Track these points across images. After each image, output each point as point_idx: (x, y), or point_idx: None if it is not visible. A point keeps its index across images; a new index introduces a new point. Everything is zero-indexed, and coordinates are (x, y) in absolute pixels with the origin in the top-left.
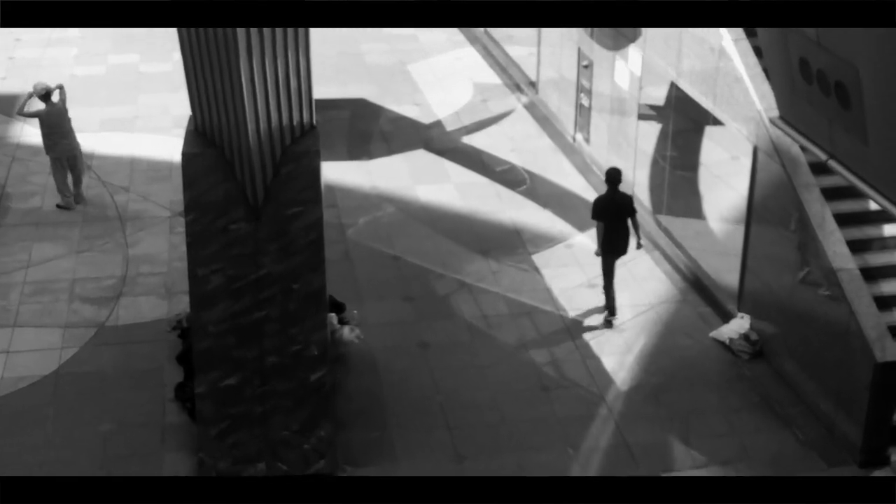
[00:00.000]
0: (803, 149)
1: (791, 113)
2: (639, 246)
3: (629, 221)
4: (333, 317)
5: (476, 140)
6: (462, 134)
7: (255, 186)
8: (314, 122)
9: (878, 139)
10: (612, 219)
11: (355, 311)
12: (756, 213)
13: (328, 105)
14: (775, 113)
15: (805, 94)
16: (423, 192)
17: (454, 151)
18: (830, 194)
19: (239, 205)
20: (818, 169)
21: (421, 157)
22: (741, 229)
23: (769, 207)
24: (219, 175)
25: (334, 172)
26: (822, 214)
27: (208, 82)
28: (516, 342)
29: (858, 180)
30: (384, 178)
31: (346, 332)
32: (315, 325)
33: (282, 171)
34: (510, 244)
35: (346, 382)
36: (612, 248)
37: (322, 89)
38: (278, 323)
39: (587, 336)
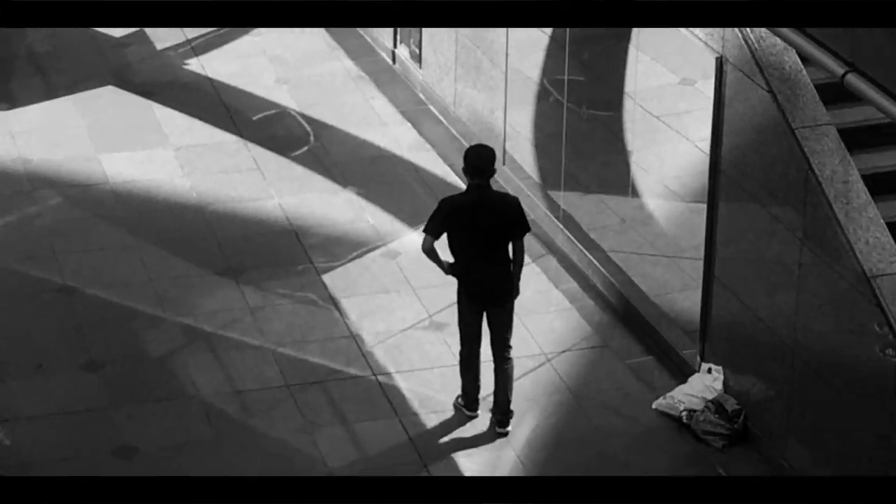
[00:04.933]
0: (804, 59)
1: None
2: (514, 294)
3: (509, 247)
4: None
5: (212, 64)
6: (185, 54)
7: None
8: None
9: None
10: (478, 240)
11: None
12: (726, 179)
13: None
14: None
15: None
16: (114, 164)
17: (172, 86)
18: (856, 140)
19: None
20: (834, 94)
21: (110, 99)
22: (701, 211)
23: (749, 168)
24: None
25: None
26: (843, 177)
27: None
28: (301, 440)
29: None
30: (41, 141)
31: None
32: None
33: None
34: (282, 256)
35: None
36: (477, 290)
37: None
38: None
39: (428, 418)
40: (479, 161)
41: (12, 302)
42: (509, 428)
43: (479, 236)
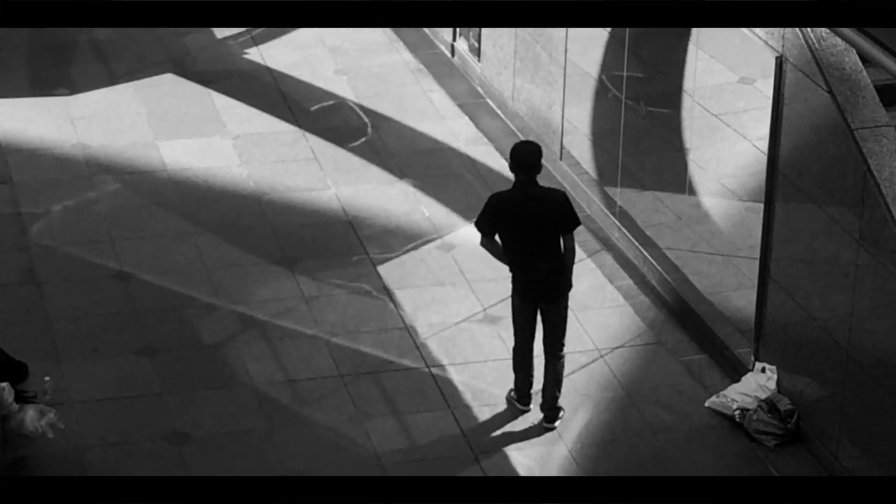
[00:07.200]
0: (865, 60)
1: None
2: (567, 287)
3: (560, 241)
4: (6, 389)
5: (271, 54)
6: (245, 44)
7: None
8: None
9: None
10: (527, 236)
11: (48, 378)
12: (784, 178)
13: None
14: None
15: None
16: (172, 152)
17: (231, 75)
18: None
19: None
20: (893, 96)
21: (169, 87)
22: (758, 210)
23: (807, 168)
24: None
25: (5, 118)
26: None
27: None
28: (352, 430)
29: None
30: (100, 127)
31: (32, 418)
32: None
33: None
34: (338, 246)
35: None
36: (529, 287)
37: None
38: None
39: (480, 411)
40: (525, 157)
41: (69, 286)
42: (556, 423)
43: (528, 232)
